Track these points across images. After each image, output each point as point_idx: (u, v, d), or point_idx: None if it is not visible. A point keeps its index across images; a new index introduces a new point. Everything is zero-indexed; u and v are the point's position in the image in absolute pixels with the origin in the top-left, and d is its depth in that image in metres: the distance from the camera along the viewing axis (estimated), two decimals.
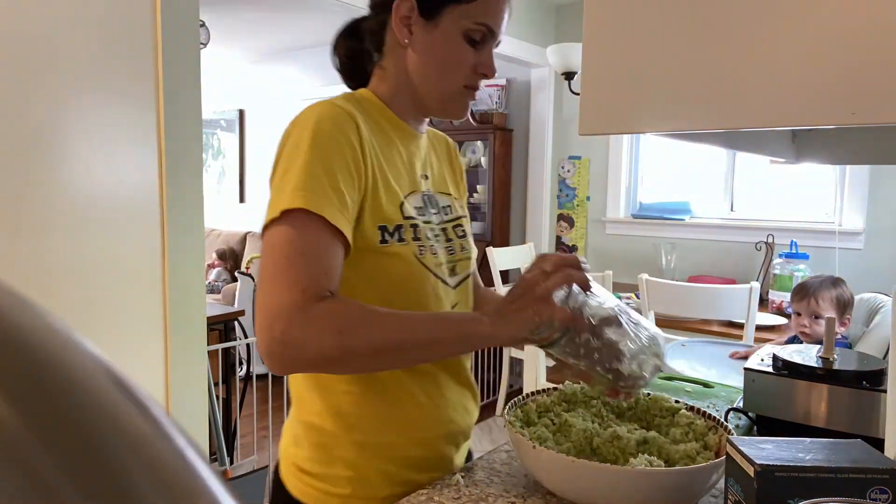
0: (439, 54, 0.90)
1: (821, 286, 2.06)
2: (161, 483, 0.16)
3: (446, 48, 0.89)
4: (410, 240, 0.88)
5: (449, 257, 0.96)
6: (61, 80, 1.55)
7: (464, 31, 0.88)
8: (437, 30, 0.89)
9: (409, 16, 0.89)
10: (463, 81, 0.91)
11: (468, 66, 0.90)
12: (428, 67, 0.91)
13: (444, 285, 0.93)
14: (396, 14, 0.89)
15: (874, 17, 0.45)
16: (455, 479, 0.90)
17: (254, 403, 2.89)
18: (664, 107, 0.56)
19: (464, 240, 1.01)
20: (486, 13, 0.88)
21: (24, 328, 0.18)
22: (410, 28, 0.90)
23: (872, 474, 0.64)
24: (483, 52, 0.91)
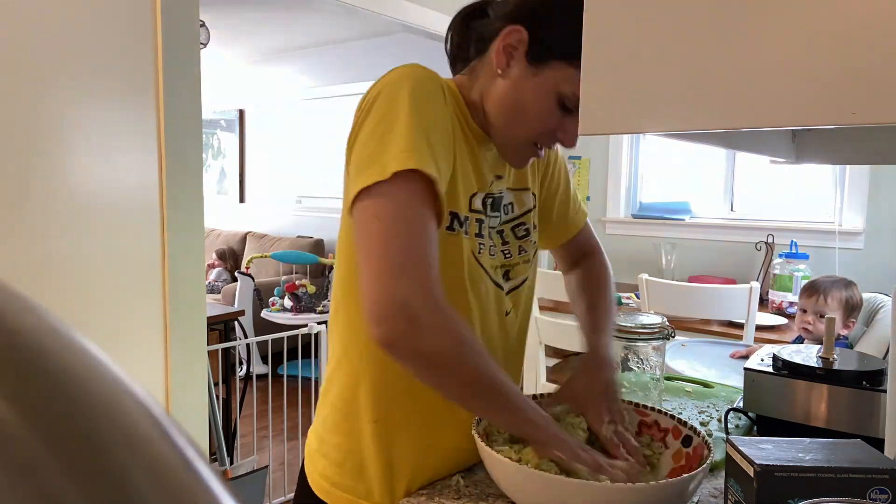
0: (525, 103, 0.83)
1: (832, 286, 2.07)
2: (161, 483, 0.17)
3: (535, 100, 0.82)
4: (473, 235, 0.85)
5: (504, 261, 0.92)
6: (61, 80, 1.55)
7: (561, 93, 0.81)
8: (535, 79, 0.81)
9: (516, 48, 0.81)
10: (535, 138, 0.86)
11: (547, 128, 0.84)
12: (508, 107, 0.84)
13: (498, 289, 0.90)
14: (503, 40, 0.82)
15: (874, 17, 0.45)
16: (455, 479, 0.90)
17: (254, 403, 2.89)
18: (664, 107, 0.56)
19: (524, 241, 0.95)
20: None
21: (24, 328, 0.18)
22: (510, 61, 0.82)
23: (872, 474, 0.64)
24: (570, 120, 0.84)
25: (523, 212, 0.96)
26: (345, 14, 3.89)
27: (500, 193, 0.92)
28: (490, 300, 0.88)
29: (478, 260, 0.85)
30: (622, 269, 3.70)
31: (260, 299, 4.30)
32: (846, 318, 2.05)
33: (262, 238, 5.42)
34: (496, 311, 0.90)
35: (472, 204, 0.85)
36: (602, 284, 1.07)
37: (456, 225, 0.82)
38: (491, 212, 0.90)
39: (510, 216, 0.94)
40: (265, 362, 2.91)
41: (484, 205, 0.89)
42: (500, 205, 0.93)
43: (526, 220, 0.96)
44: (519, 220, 0.95)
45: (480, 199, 0.89)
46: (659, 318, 1.10)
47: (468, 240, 0.84)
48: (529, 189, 0.99)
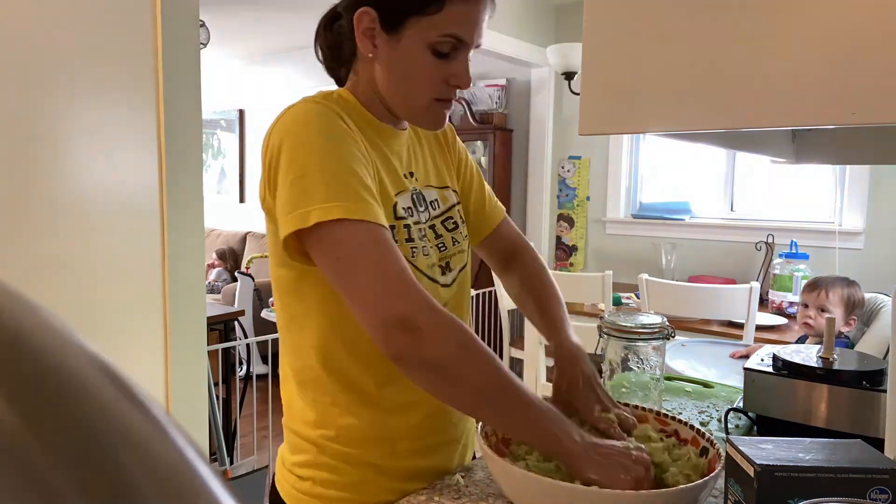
0: (404, 69, 0.85)
1: (834, 282, 2.08)
2: (161, 483, 0.16)
3: (411, 63, 0.84)
4: (403, 241, 0.87)
5: (441, 254, 0.94)
6: (61, 80, 1.55)
7: (429, 43, 0.83)
8: (401, 44, 0.83)
9: (372, 27, 0.84)
10: (432, 95, 0.86)
11: (437, 80, 0.85)
12: (394, 82, 0.86)
13: (436, 285, 0.92)
14: (358, 27, 0.85)
15: (874, 17, 0.45)
16: (455, 479, 0.90)
17: (254, 403, 2.89)
18: (664, 107, 0.56)
19: (455, 232, 0.98)
20: (454, 23, 0.82)
21: (24, 328, 0.18)
22: (374, 41, 0.85)
23: (872, 474, 0.64)
24: (455, 62, 0.85)
25: (448, 206, 0.99)
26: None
27: (416, 190, 0.94)
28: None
29: (413, 264, 0.87)
30: (622, 270, 3.71)
31: (260, 299, 4.30)
32: (847, 315, 2.05)
33: (262, 238, 5.42)
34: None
35: (396, 212, 0.87)
36: (543, 280, 1.09)
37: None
38: (419, 207, 0.93)
39: (438, 211, 0.97)
40: (265, 362, 2.91)
41: (413, 202, 0.91)
42: (425, 200, 0.95)
43: (452, 213, 0.99)
44: (446, 215, 0.98)
45: (407, 199, 0.91)
46: (659, 318, 1.10)
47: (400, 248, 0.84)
48: (450, 187, 1.02)
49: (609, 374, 1.10)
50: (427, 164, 0.99)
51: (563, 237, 4.24)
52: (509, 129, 4.27)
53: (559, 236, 4.26)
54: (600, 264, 3.95)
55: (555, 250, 4.27)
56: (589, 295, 2.97)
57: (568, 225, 4.21)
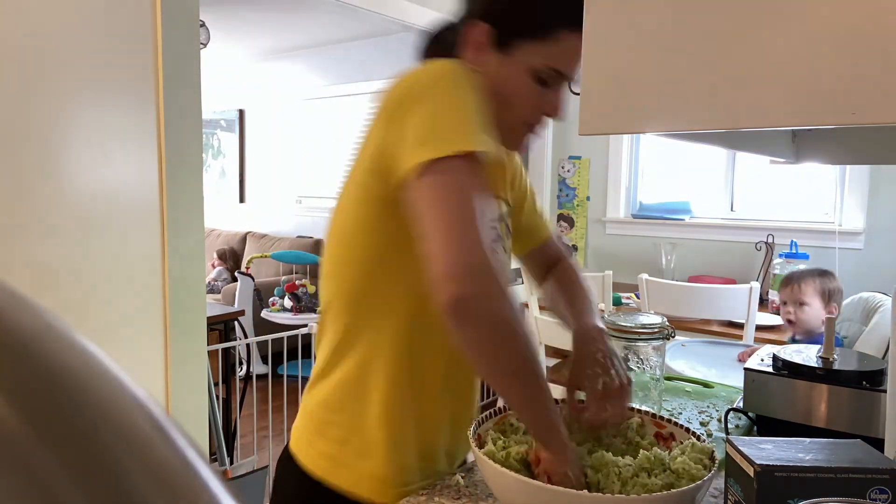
0: (504, 87, 0.87)
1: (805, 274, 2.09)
2: (161, 483, 0.17)
3: (512, 83, 0.86)
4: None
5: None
6: (61, 80, 1.55)
7: (534, 69, 0.85)
8: (508, 63, 0.86)
9: (483, 42, 0.86)
10: (524, 118, 0.89)
11: (532, 106, 0.87)
12: (491, 96, 0.87)
13: None
14: (470, 37, 0.87)
15: (874, 17, 0.45)
16: (455, 480, 0.90)
17: (254, 403, 2.89)
18: (664, 107, 0.56)
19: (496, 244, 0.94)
20: (560, 57, 0.84)
21: (24, 328, 0.18)
22: (482, 55, 0.87)
23: (872, 474, 0.64)
24: (552, 92, 0.87)
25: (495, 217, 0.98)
26: (345, 14, 3.89)
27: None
28: None
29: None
30: (622, 270, 3.71)
31: (260, 299, 4.30)
32: (826, 304, 2.06)
33: (262, 238, 5.42)
34: None
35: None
36: (576, 280, 1.09)
37: None
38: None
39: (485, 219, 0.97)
40: (265, 362, 2.91)
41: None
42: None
43: (497, 225, 0.98)
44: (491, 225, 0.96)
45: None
46: (659, 318, 1.10)
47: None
48: (501, 197, 1.02)
49: None
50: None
51: (563, 237, 4.24)
52: None
53: (559, 236, 4.26)
54: (600, 264, 3.95)
55: None
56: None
57: (568, 225, 4.22)
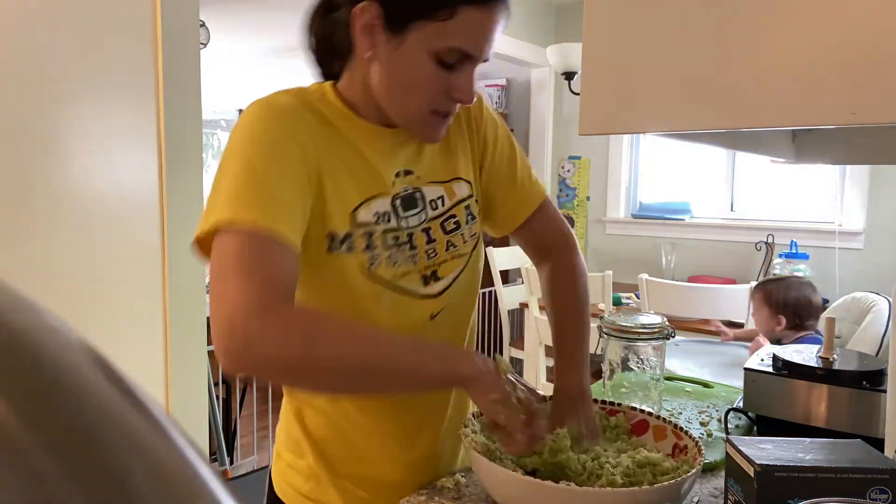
0: (403, 75, 0.78)
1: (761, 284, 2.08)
2: (161, 483, 0.16)
3: (411, 69, 0.77)
4: (361, 250, 0.80)
5: (427, 262, 0.87)
6: (61, 80, 1.55)
7: (434, 52, 0.76)
8: (403, 47, 0.76)
9: (374, 24, 0.76)
10: (430, 106, 0.80)
11: (437, 91, 0.78)
12: (390, 87, 0.80)
13: (410, 297, 0.85)
14: (358, 21, 0.77)
15: (874, 17, 0.45)
16: (455, 480, 0.90)
17: (254, 403, 2.89)
18: (664, 107, 0.56)
19: (453, 235, 0.90)
20: (463, 34, 0.75)
21: (23, 328, 0.18)
22: (374, 39, 0.77)
23: (872, 474, 0.64)
24: (459, 74, 0.78)
25: (453, 203, 0.91)
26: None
27: (408, 191, 0.86)
28: (397, 310, 0.84)
29: (372, 275, 0.81)
30: (622, 270, 3.71)
31: None
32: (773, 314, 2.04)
33: None
34: (413, 319, 0.86)
35: (355, 218, 0.81)
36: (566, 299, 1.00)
37: (335, 245, 0.79)
38: (405, 211, 0.85)
39: (439, 211, 0.89)
40: None
41: (393, 206, 0.85)
42: (422, 201, 0.88)
43: (456, 212, 0.91)
44: (448, 213, 0.90)
45: (384, 203, 0.84)
46: (659, 318, 1.10)
47: (353, 256, 0.80)
48: (462, 178, 0.93)
49: (609, 375, 1.10)
50: (435, 157, 0.91)
51: None
52: (509, 128, 4.26)
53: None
54: (600, 264, 3.95)
55: None
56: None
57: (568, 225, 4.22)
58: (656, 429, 0.92)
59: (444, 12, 0.74)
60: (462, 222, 0.91)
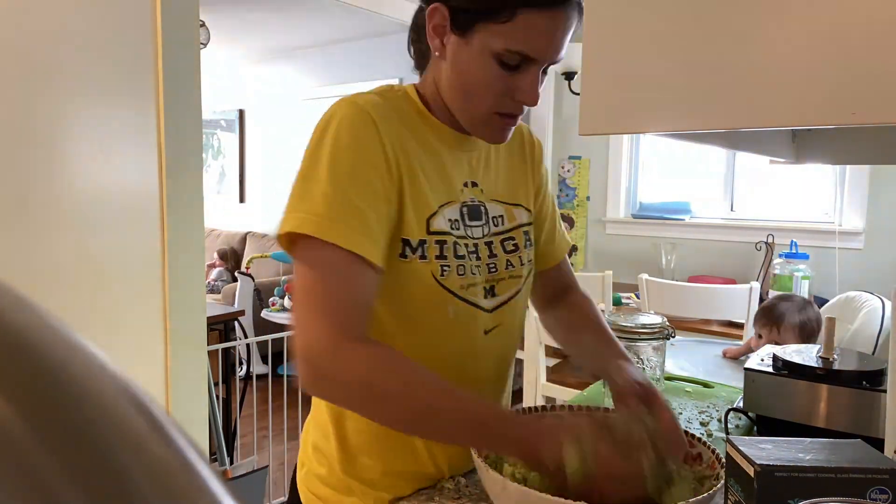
0: (467, 75, 0.80)
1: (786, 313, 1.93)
2: (161, 483, 0.16)
3: (475, 70, 0.79)
4: (433, 258, 0.81)
5: (488, 276, 0.88)
6: (61, 80, 1.55)
7: (495, 53, 0.77)
8: (468, 47, 0.78)
9: (444, 25, 0.80)
10: (492, 107, 0.81)
11: (499, 93, 0.80)
12: (455, 87, 0.82)
13: (474, 308, 0.86)
14: (430, 22, 0.80)
15: (874, 17, 0.45)
16: (455, 479, 0.90)
17: (254, 403, 2.89)
18: (664, 107, 0.56)
19: (513, 255, 0.91)
20: (524, 36, 0.76)
21: (23, 328, 0.18)
22: (443, 39, 0.80)
23: (872, 474, 0.64)
24: (523, 75, 0.79)
25: (514, 226, 0.93)
26: (345, 14, 3.89)
27: (473, 202, 0.88)
28: (461, 321, 0.85)
29: (440, 283, 0.82)
30: (622, 270, 3.71)
31: (260, 299, 4.30)
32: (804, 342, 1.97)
33: (262, 238, 5.42)
34: (471, 331, 0.87)
35: (430, 225, 0.82)
36: (598, 316, 1.03)
37: (408, 251, 0.80)
38: (470, 221, 0.87)
39: (500, 228, 0.91)
40: (265, 362, 2.91)
41: (461, 214, 0.86)
42: (485, 215, 0.89)
43: (515, 234, 0.93)
44: (508, 234, 0.92)
45: (454, 210, 0.85)
46: (659, 318, 1.10)
47: (426, 264, 0.81)
48: (522, 205, 0.96)
49: None
50: (500, 177, 0.93)
51: None
52: None
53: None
54: (600, 264, 3.95)
55: None
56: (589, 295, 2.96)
57: (568, 225, 4.21)
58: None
59: (504, 14, 0.75)
60: (520, 245, 0.93)
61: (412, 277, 0.81)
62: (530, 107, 0.82)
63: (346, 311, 0.73)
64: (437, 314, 0.83)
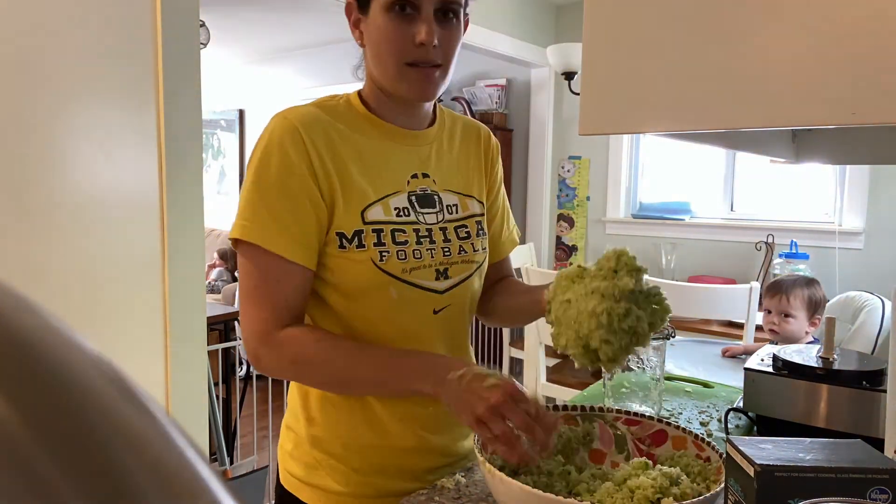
0: (375, 39, 0.88)
1: (794, 285, 2.01)
2: (161, 483, 0.16)
3: (378, 31, 0.87)
4: (371, 245, 0.88)
5: (442, 259, 0.94)
6: (61, 80, 1.55)
7: (384, 6, 0.85)
8: (371, 18, 0.87)
9: (358, 18, 0.89)
10: (400, 58, 0.86)
11: (400, 41, 0.85)
12: (372, 57, 0.89)
13: (419, 290, 0.91)
14: (349, 20, 0.91)
15: (874, 17, 0.45)
16: (455, 480, 0.90)
17: (254, 403, 2.89)
18: (664, 107, 0.56)
19: (465, 242, 0.97)
20: None
21: (24, 328, 0.18)
22: (360, 28, 0.90)
23: (872, 474, 0.64)
24: (418, 23, 0.85)
25: (467, 215, 0.99)
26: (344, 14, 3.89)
27: (425, 191, 0.95)
28: (408, 301, 0.91)
29: (380, 267, 0.88)
30: None
31: None
32: (811, 315, 2.00)
33: None
34: (418, 311, 0.93)
35: (364, 217, 0.89)
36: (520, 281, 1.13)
37: (345, 242, 0.88)
38: (421, 208, 0.93)
39: (455, 216, 0.97)
40: None
41: (410, 202, 0.92)
42: (438, 203, 0.96)
43: (468, 223, 0.99)
44: (462, 222, 0.98)
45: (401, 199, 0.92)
46: None
47: (363, 252, 0.88)
48: (475, 197, 1.02)
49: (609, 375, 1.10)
50: (452, 169, 1.00)
51: (563, 237, 4.24)
52: (509, 129, 4.27)
53: (559, 236, 4.26)
54: None
55: (555, 250, 4.27)
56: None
57: (568, 225, 4.21)
58: (675, 439, 0.89)
59: None
60: (472, 234, 0.99)
61: (352, 265, 0.88)
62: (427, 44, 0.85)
63: (273, 304, 0.86)
64: (380, 296, 0.90)
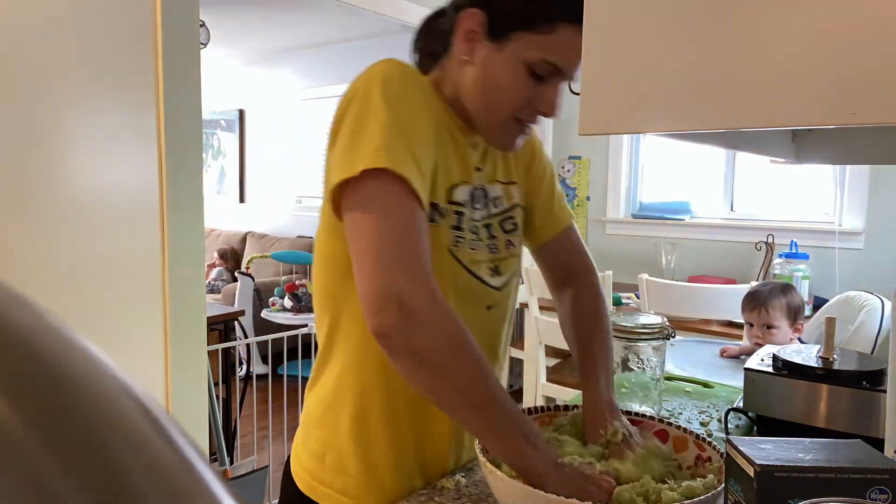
0: (496, 78, 0.82)
1: (770, 295, 1.97)
2: (161, 483, 0.16)
3: (504, 74, 0.81)
4: (450, 228, 0.83)
5: (491, 255, 0.90)
6: (61, 80, 1.55)
7: (528, 62, 0.80)
8: (500, 54, 0.81)
9: (476, 31, 0.82)
10: (514, 112, 0.83)
11: (521, 100, 0.82)
12: (482, 89, 0.83)
13: (483, 285, 0.88)
14: (463, 25, 0.82)
15: (874, 17, 0.45)
16: (455, 480, 0.90)
17: (254, 403, 2.89)
18: (664, 107, 0.56)
19: (512, 235, 0.94)
20: (559, 49, 0.79)
21: (24, 328, 0.18)
22: (474, 44, 0.82)
23: (872, 474, 0.64)
24: (547, 87, 0.82)
25: (512, 205, 0.95)
26: (345, 14, 3.89)
27: (477, 187, 0.90)
28: (468, 294, 0.87)
29: (453, 254, 0.84)
30: (622, 269, 3.70)
31: (260, 299, 4.30)
32: (792, 323, 1.98)
33: (262, 238, 5.42)
34: (475, 306, 0.89)
35: (451, 195, 0.84)
36: (594, 318, 1.00)
37: (437, 217, 0.82)
38: (474, 204, 0.89)
39: (499, 209, 0.93)
40: (265, 362, 2.91)
41: (472, 196, 0.88)
42: (487, 198, 0.92)
43: (514, 213, 0.95)
44: (506, 214, 0.94)
45: (466, 191, 0.88)
46: (659, 318, 1.10)
47: (445, 232, 0.83)
48: (516, 182, 0.98)
49: None
50: (497, 160, 0.96)
51: None
52: None
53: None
54: (600, 264, 3.91)
55: None
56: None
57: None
58: (677, 439, 0.89)
59: (544, 26, 0.78)
60: (519, 223, 0.96)
61: (435, 242, 0.80)
62: (548, 117, 0.84)
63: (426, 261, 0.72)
64: (448, 283, 0.83)
